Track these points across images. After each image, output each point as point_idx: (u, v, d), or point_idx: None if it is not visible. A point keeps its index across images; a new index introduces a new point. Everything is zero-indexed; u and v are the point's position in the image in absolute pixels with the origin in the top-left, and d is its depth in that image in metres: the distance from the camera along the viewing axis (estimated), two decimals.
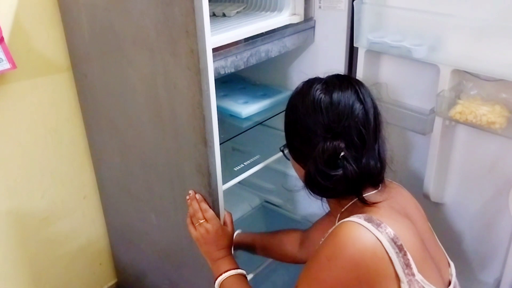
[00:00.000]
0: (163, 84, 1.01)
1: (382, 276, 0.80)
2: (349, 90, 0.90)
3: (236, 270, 1.06)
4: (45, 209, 1.40)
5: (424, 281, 0.84)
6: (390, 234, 0.81)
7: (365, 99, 0.90)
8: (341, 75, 0.96)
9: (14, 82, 1.23)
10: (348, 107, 0.88)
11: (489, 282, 1.24)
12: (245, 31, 1.16)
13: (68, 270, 1.53)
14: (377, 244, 0.80)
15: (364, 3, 1.19)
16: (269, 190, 1.72)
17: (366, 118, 0.89)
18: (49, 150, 1.36)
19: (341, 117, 0.88)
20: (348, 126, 0.87)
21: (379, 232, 0.80)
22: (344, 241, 0.81)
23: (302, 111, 0.92)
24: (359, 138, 0.88)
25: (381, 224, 0.82)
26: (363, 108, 0.89)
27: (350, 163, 0.87)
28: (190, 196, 1.08)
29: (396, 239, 0.81)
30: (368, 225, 0.81)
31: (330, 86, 0.91)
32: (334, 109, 0.88)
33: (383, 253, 0.80)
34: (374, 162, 0.89)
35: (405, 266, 0.81)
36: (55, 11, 1.24)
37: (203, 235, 1.06)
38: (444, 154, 1.21)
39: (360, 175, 0.87)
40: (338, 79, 0.93)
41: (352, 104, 0.88)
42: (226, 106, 1.33)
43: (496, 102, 1.07)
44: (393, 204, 0.91)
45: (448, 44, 1.10)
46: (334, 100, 0.89)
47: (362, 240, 0.80)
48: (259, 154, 1.30)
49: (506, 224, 1.16)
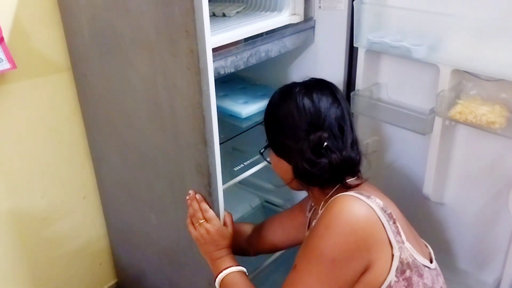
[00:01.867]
0: (163, 84, 1.01)
1: (378, 240, 0.87)
2: (326, 90, 1.02)
3: (236, 267, 1.06)
4: (45, 209, 1.40)
5: (413, 249, 0.91)
6: (380, 204, 0.89)
7: (340, 99, 1.01)
8: (316, 78, 1.07)
9: (14, 82, 1.23)
10: (327, 104, 0.99)
11: (489, 282, 1.24)
12: (245, 31, 1.16)
13: (68, 270, 1.53)
14: (370, 210, 0.88)
15: (364, 3, 1.19)
16: (269, 190, 1.72)
17: (342, 113, 1.00)
18: (49, 150, 1.36)
19: (322, 112, 0.98)
20: (328, 119, 0.98)
21: (370, 201, 0.89)
22: (339, 209, 0.88)
23: (286, 111, 1.01)
24: (339, 131, 0.98)
25: (370, 196, 0.90)
26: (340, 105, 1.00)
27: (334, 151, 0.96)
28: (190, 196, 1.08)
29: (385, 208, 0.90)
30: (359, 195, 0.89)
31: (309, 88, 1.02)
32: (315, 106, 0.99)
33: (376, 219, 0.87)
34: (354, 152, 0.98)
35: (396, 233, 0.89)
36: (55, 11, 1.24)
37: (203, 235, 1.07)
38: (444, 154, 1.21)
39: (342, 162, 0.96)
40: (315, 82, 1.05)
41: (330, 102, 1.00)
42: (226, 106, 1.33)
43: (496, 102, 1.07)
44: (372, 186, 1.00)
45: (448, 44, 1.10)
46: (314, 99, 0.99)
47: (356, 207, 0.88)
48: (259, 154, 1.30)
49: (506, 224, 1.16)
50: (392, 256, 0.88)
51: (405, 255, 0.89)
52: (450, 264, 1.29)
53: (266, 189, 1.73)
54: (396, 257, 0.88)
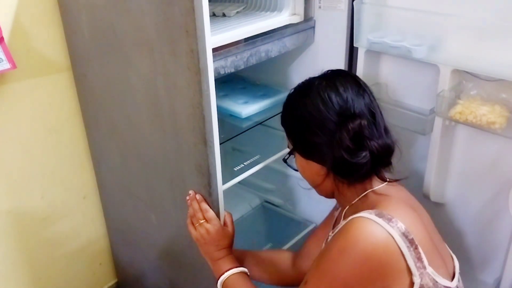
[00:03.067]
0: (163, 84, 1.01)
1: (395, 270, 0.82)
2: (349, 79, 0.96)
3: (238, 268, 1.06)
4: (45, 209, 1.40)
5: (434, 273, 0.86)
6: (401, 228, 0.82)
7: (365, 85, 0.97)
8: (333, 69, 1.01)
9: (14, 82, 1.23)
10: (353, 91, 0.94)
11: (489, 282, 1.24)
12: (245, 31, 1.16)
13: (68, 270, 1.53)
14: (389, 239, 0.81)
15: (364, 3, 1.19)
16: (269, 190, 1.72)
17: (370, 100, 0.95)
18: (49, 150, 1.36)
19: (350, 101, 0.93)
20: (359, 107, 0.93)
21: (390, 227, 0.82)
22: (356, 235, 0.82)
23: (311, 107, 0.95)
24: (372, 117, 0.93)
25: (392, 219, 0.83)
26: (365, 91, 0.95)
27: (372, 139, 0.91)
28: (190, 196, 1.08)
29: (407, 233, 0.82)
30: (379, 220, 0.82)
31: (329, 78, 0.97)
32: (342, 95, 0.93)
33: (395, 247, 0.81)
34: (389, 139, 0.95)
35: (417, 259, 0.83)
36: (55, 11, 1.24)
37: (203, 236, 1.06)
38: (444, 154, 1.21)
39: (382, 150, 0.92)
40: (333, 72, 1.00)
41: (355, 88, 0.95)
42: (226, 106, 1.33)
43: (496, 102, 1.07)
44: (401, 196, 0.95)
45: (448, 44, 1.10)
46: (338, 88, 0.94)
47: (374, 234, 0.81)
48: (259, 154, 1.30)
49: (506, 224, 1.16)
50: (412, 283, 0.83)
51: (426, 281, 0.84)
52: None
53: (266, 189, 1.73)
54: (416, 284, 0.83)
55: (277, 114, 1.34)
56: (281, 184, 1.66)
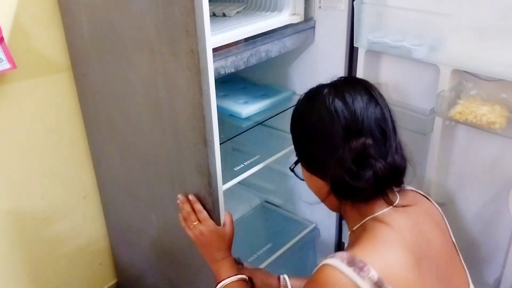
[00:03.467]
0: (163, 84, 1.01)
1: None
2: (360, 90, 0.88)
3: (236, 276, 1.05)
4: (45, 209, 1.40)
5: None
6: (374, 278, 0.75)
7: (377, 97, 0.88)
8: (346, 76, 0.94)
9: (14, 82, 1.23)
10: (363, 104, 0.86)
11: (489, 282, 1.24)
12: (245, 31, 1.16)
13: (68, 270, 1.53)
14: None
15: (364, 3, 1.19)
16: (269, 190, 1.72)
17: (382, 113, 0.87)
18: (49, 150, 1.36)
19: (358, 115, 0.85)
20: (367, 122, 0.85)
21: (360, 278, 0.75)
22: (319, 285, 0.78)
23: (316, 118, 0.89)
24: (381, 133, 0.85)
25: (363, 267, 0.76)
26: (378, 104, 0.87)
27: (378, 159, 0.84)
28: (180, 200, 1.08)
29: (380, 283, 0.75)
30: (349, 270, 0.76)
31: (339, 88, 0.90)
32: (350, 108, 0.86)
33: None
34: (399, 158, 0.86)
35: None
36: (55, 11, 1.24)
37: (199, 237, 1.06)
38: (444, 154, 1.21)
39: (389, 171, 0.84)
40: (344, 80, 0.93)
41: (366, 100, 0.87)
42: (226, 106, 1.33)
43: (496, 102, 1.07)
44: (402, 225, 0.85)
45: (448, 44, 1.10)
46: (347, 100, 0.86)
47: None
48: (259, 154, 1.30)
49: (506, 224, 1.16)
50: None
51: None
52: None
53: (266, 189, 1.73)
54: None
55: (277, 114, 1.35)
56: (281, 184, 1.66)
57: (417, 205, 0.91)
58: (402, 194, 0.91)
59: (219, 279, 1.05)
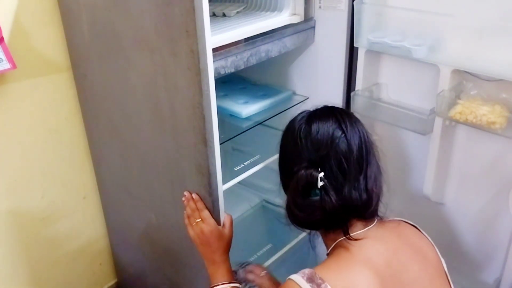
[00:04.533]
0: (163, 84, 1.01)
1: None
2: (330, 120, 0.88)
3: (229, 284, 1.04)
4: (45, 209, 1.40)
5: None
6: None
7: (347, 129, 0.87)
8: (328, 106, 0.94)
9: (14, 82, 1.23)
10: (327, 137, 0.87)
11: (489, 282, 1.24)
12: (245, 31, 1.16)
13: (68, 270, 1.53)
14: None
15: (364, 3, 1.19)
16: (269, 190, 1.72)
17: (348, 147, 0.86)
18: (49, 150, 1.36)
19: (319, 146, 0.86)
20: (327, 155, 0.86)
21: None
22: None
23: (285, 142, 0.94)
24: (339, 168, 0.85)
25: (321, 284, 0.79)
26: (345, 138, 0.86)
27: (329, 193, 0.84)
28: (186, 197, 1.08)
29: None
30: (306, 286, 0.79)
31: (312, 117, 0.91)
32: (313, 138, 0.87)
33: None
34: (357, 194, 0.85)
35: None
36: (55, 11, 1.24)
37: (199, 235, 1.06)
38: (444, 154, 1.21)
39: (340, 206, 0.85)
40: (322, 110, 0.93)
41: (332, 133, 0.87)
42: (226, 106, 1.33)
43: (496, 102, 1.07)
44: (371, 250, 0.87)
45: (448, 44, 1.10)
46: (313, 130, 0.88)
47: None
48: (259, 154, 1.30)
49: (506, 224, 1.16)
50: None
51: None
52: (450, 264, 1.29)
53: (266, 189, 1.73)
54: None
55: (277, 114, 1.35)
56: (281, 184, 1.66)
57: (394, 233, 0.92)
58: (378, 225, 0.91)
59: (212, 283, 1.05)
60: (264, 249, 1.53)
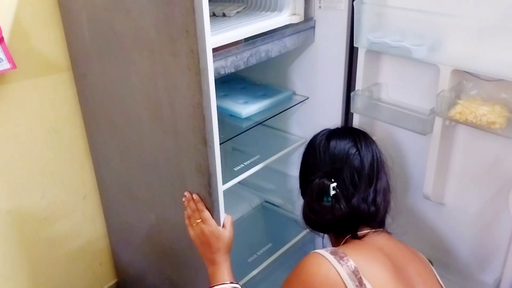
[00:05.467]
0: (163, 84, 1.01)
1: None
2: (347, 139, 1.01)
3: (230, 284, 1.04)
4: (45, 209, 1.40)
5: None
6: (351, 267, 0.85)
7: (361, 147, 1.00)
8: (348, 127, 1.10)
9: (14, 82, 1.23)
10: (342, 152, 0.99)
11: (489, 282, 1.24)
12: (245, 31, 1.16)
13: (68, 270, 1.53)
14: (331, 272, 0.85)
15: (364, 3, 1.19)
16: (269, 190, 1.72)
17: (361, 163, 0.98)
18: (49, 150, 1.36)
19: (335, 160, 0.99)
20: (341, 168, 0.97)
21: (339, 264, 0.86)
22: (300, 267, 0.90)
23: (306, 154, 1.06)
24: (351, 181, 0.97)
25: (344, 257, 0.87)
26: (359, 155, 0.99)
27: (340, 201, 0.95)
28: (186, 198, 1.08)
29: (356, 272, 0.85)
30: (330, 256, 0.87)
31: (333, 134, 1.04)
32: (330, 153, 1.00)
33: (338, 282, 0.84)
34: (365, 205, 0.96)
35: None
36: (55, 11, 1.24)
37: (199, 236, 1.07)
38: (444, 154, 1.21)
39: (349, 214, 0.95)
40: (342, 129, 1.08)
41: (347, 150, 0.99)
42: (226, 106, 1.33)
43: (496, 102, 1.07)
44: (383, 242, 0.96)
45: (448, 44, 1.10)
46: (331, 145, 1.01)
47: (317, 267, 0.87)
48: (259, 154, 1.30)
49: (506, 224, 1.16)
50: None
51: None
52: (450, 264, 1.29)
53: (266, 189, 1.73)
54: None
55: (277, 114, 1.35)
56: (281, 184, 1.66)
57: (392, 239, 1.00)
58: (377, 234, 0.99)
59: (212, 283, 1.05)
60: (264, 249, 1.53)
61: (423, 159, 1.22)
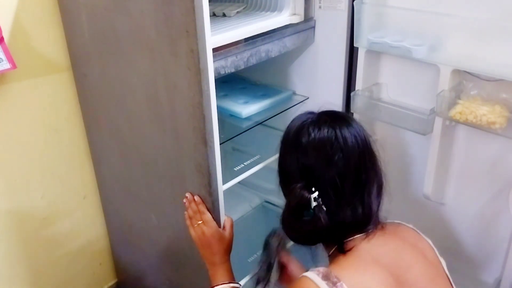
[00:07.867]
0: (163, 84, 1.01)
1: None
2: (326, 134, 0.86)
3: (229, 284, 1.05)
4: (45, 209, 1.40)
5: None
6: None
7: (344, 142, 0.85)
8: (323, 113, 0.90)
9: (14, 82, 1.23)
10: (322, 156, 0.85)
11: (489, 282, 1.24)
12: (245, 31, 1.16)
13: (68, 270, 1.53)
14: None
15: (364, 3, 1.19)
16: (269, 190, 1.72)
17: (345, 165, 0.85)
18: (49, 150, 1.36)
19: (313, 168, 0.86)
20: (322, 173, 0.85)
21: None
22: None
23: (282, 152, 0.93)
24: (333, 186, 0.85)
25: (337, 283, 0.79)
26: (342, 154, 0.85)
27: (321, 212, 0.84)
28: (187, 199, 1.08)
29: None
30: (322, 283, 0.80)
31: (308, 129, 0.88)
32: (308, 159, 0.87)
33: None
34: (351, 213, 0.86)
35: None
36: (55, 11, 1.24)
37: (200, 237, 1.07)
38: (444, 154, 1.21)
39: (334, 226, 0.85)
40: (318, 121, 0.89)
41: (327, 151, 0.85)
42: (226, 106, 1.33)
43: (496, 102, 1.07)
44: (378, 251, 0.88)
45: (448, 44, 1.10)
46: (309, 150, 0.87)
47: None
48: (259, 154, 1.30)
49: (506, 224, 1.16)
50: None
51: None
52: (450, 264, 1.29)
53: (266, 189, 1.73)
54: None
55: (277, 114, 1.35)
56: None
57: (395, 235, 0.92)
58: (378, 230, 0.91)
59: (212, 284, 1.06)
60: None
61: (423, 159, 1.22)
